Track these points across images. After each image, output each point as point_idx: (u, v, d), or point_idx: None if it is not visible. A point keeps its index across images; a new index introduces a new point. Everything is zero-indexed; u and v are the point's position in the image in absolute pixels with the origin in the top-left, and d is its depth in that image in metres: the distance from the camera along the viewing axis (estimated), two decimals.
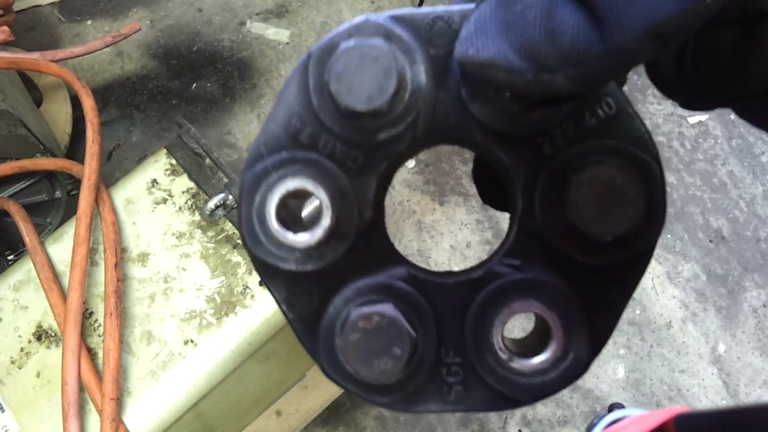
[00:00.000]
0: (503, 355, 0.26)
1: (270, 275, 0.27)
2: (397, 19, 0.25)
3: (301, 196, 0.25)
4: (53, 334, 0.66)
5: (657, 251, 1.27)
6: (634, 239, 0.25)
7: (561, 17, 0.20)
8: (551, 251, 0.26)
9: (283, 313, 0.28)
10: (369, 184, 0.26)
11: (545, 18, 0.21)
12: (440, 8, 0.25)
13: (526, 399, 0.27)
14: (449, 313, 0.28)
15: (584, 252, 0.26)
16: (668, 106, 1.44)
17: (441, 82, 0.26)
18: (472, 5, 0.25)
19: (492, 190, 0.33)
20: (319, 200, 0.25)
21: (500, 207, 0.33)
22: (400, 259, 0.28)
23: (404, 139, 0.26)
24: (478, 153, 0.28)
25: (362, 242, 0.27)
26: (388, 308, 0.26)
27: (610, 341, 0.30)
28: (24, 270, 0.69)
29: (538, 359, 0.26)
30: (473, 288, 0.27)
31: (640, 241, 0.26)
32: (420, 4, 1.46)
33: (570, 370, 0.26)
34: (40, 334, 0.66)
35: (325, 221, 0.25)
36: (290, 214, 0.25)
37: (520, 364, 0.26)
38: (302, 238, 0.25)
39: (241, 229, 0.26)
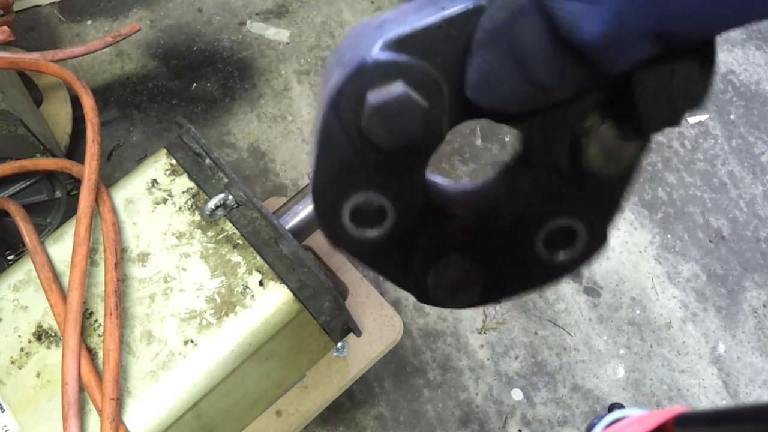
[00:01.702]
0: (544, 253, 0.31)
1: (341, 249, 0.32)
2: (400, 46, 0.26)
3: (372, 206, 0.30)
4: (53, 334, 0.66)
5: (657, 251, 1.27)
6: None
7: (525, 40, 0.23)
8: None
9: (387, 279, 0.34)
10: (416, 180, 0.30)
11: (537, 51, 0.24)
12: (439, 15, 0.26)
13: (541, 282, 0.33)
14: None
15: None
16: None
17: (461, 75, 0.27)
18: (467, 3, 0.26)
19: None
20: (384, 206, 0.30)
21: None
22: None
23: (434, 136, 0.28)
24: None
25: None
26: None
27: (610, 341, 0.32)
28: (24, 270, 0.69)
29: (563, 254, 0.32)
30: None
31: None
32: None
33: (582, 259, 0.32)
34: (40, 334, 0.66)
35: (388, 221, 0.30)
36: (363, 212, 0.30)
37: (547, 254, 0.31)
38: (370, 234, 0.30)
39: (323, 229, 0.32)
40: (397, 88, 0.26)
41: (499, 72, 0.25)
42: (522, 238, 0.31)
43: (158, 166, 0.72)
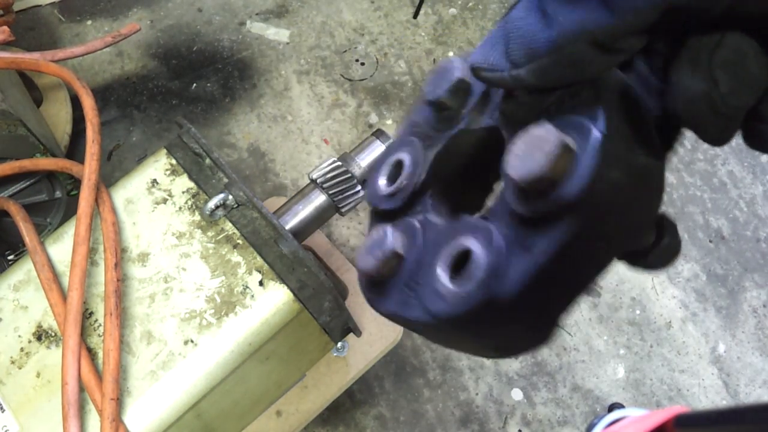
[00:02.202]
0: (441, 278, 0.32)
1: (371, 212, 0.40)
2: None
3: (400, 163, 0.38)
4: (53, 334, 0.66)
5: None
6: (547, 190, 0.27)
7: (517, 20, 0.26)
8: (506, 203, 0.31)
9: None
10: (429, 155, 0.37)
11: (512, 23, 0.27)
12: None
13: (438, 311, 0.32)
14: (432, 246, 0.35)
15: (517, 199, 0.29)
16: None
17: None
18: None
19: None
20: (404, 165, 0.38)
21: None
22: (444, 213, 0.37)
23: (457, 124, 0.36)
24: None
25: (411, 197, 0.37)
26: (389, 227, 0.35)
27: (610, 341, 0.32)
28: (24, 270, 0.69)
29: (455, 285, 0.32)
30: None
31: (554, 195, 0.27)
32: (418, 8, 1.46)
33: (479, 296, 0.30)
34: (40, 334, 0.66)
35: (400, 180, 0.37)
36: (393, 175, 0.38)
37: (443, 285, 0.32)
38: (384, 188, 0.38)
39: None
40: (453, 61, 0.36)
41: None
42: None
43: (158, 166, 0.72)
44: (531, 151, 0.26)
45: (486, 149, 0.37)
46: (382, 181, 0.39)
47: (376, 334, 0.92)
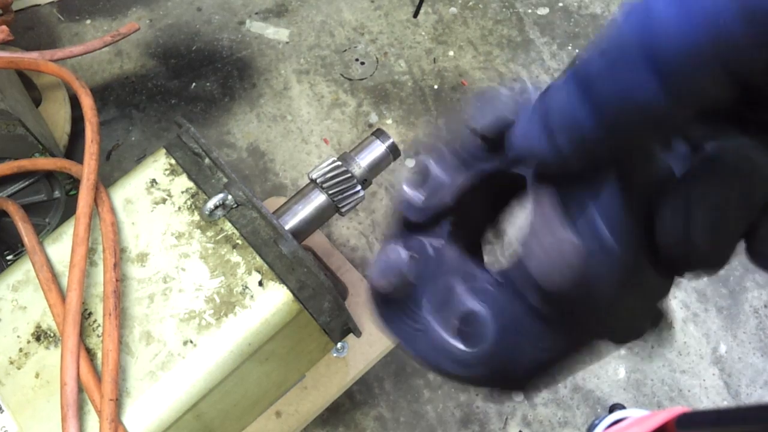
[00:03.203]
0: (447, 332, 0.34)
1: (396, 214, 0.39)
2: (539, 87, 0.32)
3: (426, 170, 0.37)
4: (52, 334, 0.66)
5: None
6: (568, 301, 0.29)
7: (570, 106, 0.25)
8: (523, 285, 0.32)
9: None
10: (459, 180, 0.35)
11: (551, 104, 0.26)
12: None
13: (441, 369, 0.35)
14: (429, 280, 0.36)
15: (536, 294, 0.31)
16: None
17: None
18: None
19: None
20: (431, 175, 0.36)
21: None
22: (459, 241, 0.37)
23: (493, 162, 0.35)
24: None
25: (438, 215, 0.37)
26: (404, 253, 0.36)
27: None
28: (23, 270, 0.69)
29: (462, 347, 0.33)
30: (464, 278, 0.36)
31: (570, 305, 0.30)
32: (419, 7, 1.46)
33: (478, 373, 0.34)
34: (39, 335, 0.66)
35: (425, 188, 0.36)
36: (420, 181, 0.37)
37: (452, 344, 0.34)
38: (412, 196, 0.37)
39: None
40: (501, 90, 0.34)
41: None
42: None
43: (157, 165, 0.72)
44: (558, 259, 0.28)
45: (512, 191, 0.37)
46: (413, 189, 0.38)
47: (376, 335, 0.92)
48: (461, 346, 0.32)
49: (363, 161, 0.76)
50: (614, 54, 0.22)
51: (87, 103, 0.75)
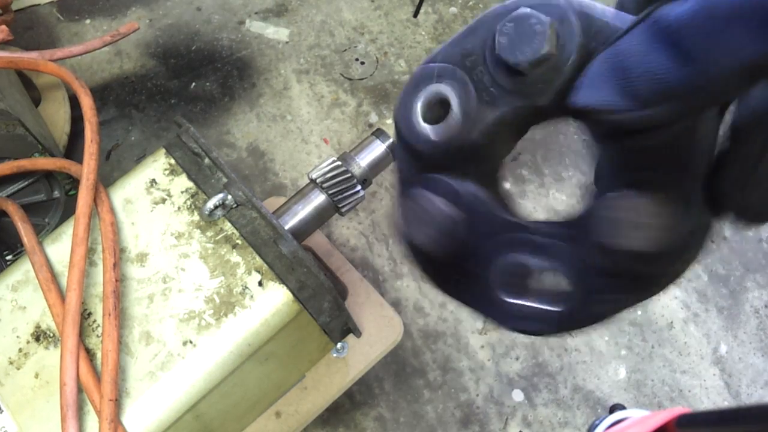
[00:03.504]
0: (499, 286, 0.33)
1: (400, 144, 0.35)
2: (577, 10, 0.30)
3: (443, 100, 0.33)
4: (52, 334, 0.65)
5: None
6: (639, 261, 0.30)
7: (653, 59, 0.24)
8: (581, 236, 0.32)
9: (397, 169, 0.37)
10: (488, 116, 0.32)
11: (630, 59, 0.25)
12: (609, 13, 0.30)
13: (501, 323, 0.34)
14: (484, 233, 0.34)
15: (599, 253, 0.31)
16: None
17: (579, 71, 0.30)
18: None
19: None
20: (451, 108, 0.33)
21: None
22: (483, 185, 0.35)
23: (530, 96, 0.32)
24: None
25: (461, 156, 0.34)
26: (438, 200, 0.33)
27: (611, 342, 0.34)
28: (22, 270, 0.69)
29: (521, 302, 0.33)
30: (509, 228, 0.34)
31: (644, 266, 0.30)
32: (419, 7, 1.46)
33: (542, 326, 0.33)
34: (39, 335, 0.66)
35: (445, 124, 0.32)
36: (431, 111, 0.33)
37: (507, 301, 0.33)
38: (426, 129, 0.33)
39: (396, 104, 0.34)
40: (542, 18, 0.29)
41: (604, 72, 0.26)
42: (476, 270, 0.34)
43: (157, 165, 0.72)
44: (630, 223, 0.28)
45: (534, 122, 0.34)
46: (421, 117, 0.34)
47: (376, 335, 0.92)
48: (544, 306, 0.32)
49: (363, 161, 0.76)
50: (709, 2, 0.22)
51: (86, 102, 0.75)
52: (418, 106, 0.33)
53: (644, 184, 0.29)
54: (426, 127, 0.33)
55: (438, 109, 0.33)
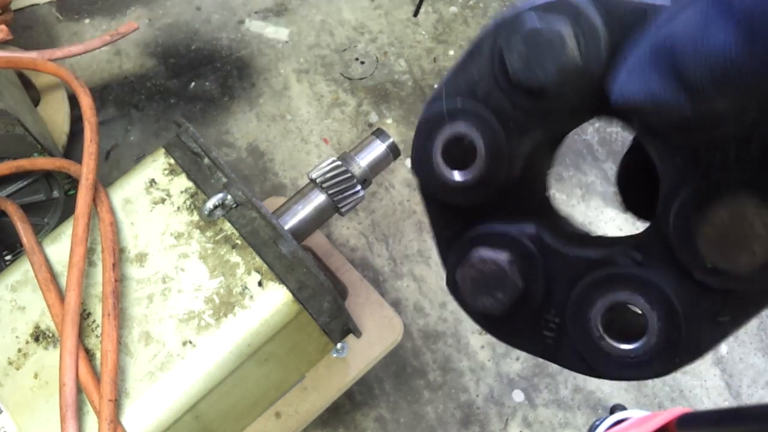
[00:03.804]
0: (596, 333, 0.29)
1: (427, 199, 0.32)
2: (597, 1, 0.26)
3: (465, 141, 0.29)
4: (51, 334, 0.65)
5: None
6: (755, 277, 0.25)
7: (713, 39, 0.20)
8: (674, 259, 0.27)
9: (431, 226, 0.33)
10: (523, 145, 0.28)
11: (696, 43, 0.20)
12: None
13: (604, 373, 0.30)
14: (561, 278, 0.30)
15: (703, 272, 0.26)
16: None
17: (612, 65, 0.25)
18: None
19: (636, 196, 0.34)
20: (477, 149, 0.28)
21: (643, 215, 0.34)
22: (536, 217, 0.31)
23: (563, 112, 0.28)
24: (633, 138, 0.30)
25: (505, 194, 0.30)
26: (503, 257, 0.29)
27: None
28: (21, 270, 0.69)
29: (625, 347, 0.29)
30: (590, 265, 0.30)
31: (762, 281, 0.25)
32: (419, 6, 1.46)
33: (654, 368, 0.29)
34: (38, 335, 0.66)
35: (477, 167, 0.28)
36: (455, 154, 0.29)
37: (608, 344, 0.29)
38: (456, 176, 0.29)
39: (413, 155, 0.31)
40: (554, 24, 0.25)
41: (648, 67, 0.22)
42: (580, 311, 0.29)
43: (156, 165, 0.72)
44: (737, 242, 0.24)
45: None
46: (447, 166, 0.29)
47: (376, 335, 0.92)
48: (622, 346, 0.28)
49: (363, 161, 0.75)
50: None
51: (86, 102, 0.75)
52: (439, 157, 0.29)
53: (731, 184, 0.25)
54: (456, 175, 0.29)
55: (460, 149, 0.29)
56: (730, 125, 0.23)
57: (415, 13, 1.46)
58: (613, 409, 1.10)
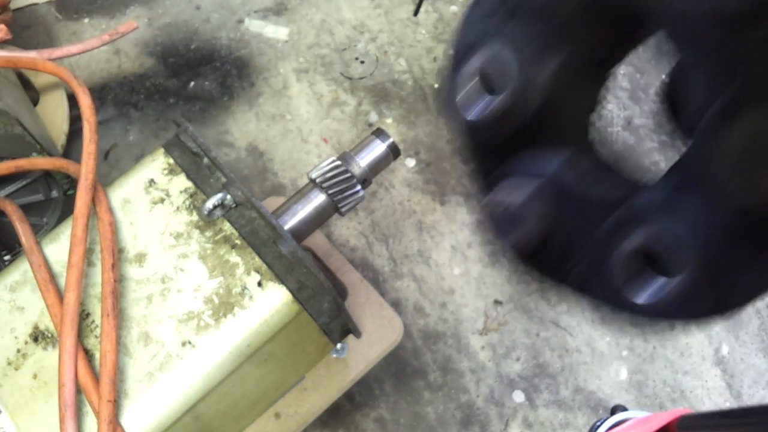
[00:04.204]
0: (627, 266, 0.28)
1: (465, 135, 0.28)
2: None
3: (496, 64, 0.26)
4: (50, 335, 0.65)
5: None
6: None
7: None
8: (705, 185, 0.27)
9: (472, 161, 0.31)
10: (553, 59, 0.27)
11: None
12: None
13: (627, 306, 0.29)
14: (591, 210, 0.30)
15: (732, 194, 0.26)
16: None
17: None
18: None
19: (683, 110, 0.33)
20: (507, 70, 0.26)
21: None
22: (571, 143, 0.30)
23: (572, 29, 0.26)
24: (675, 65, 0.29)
25: (540, 124, 0.28)
26: (530, 189, 0.28)
27: (613, 342, 0.31)
28: (20, 270, 0.69)
29: (650, 282, 0.28)
30: (621, 198, 0.29)
31: None
32: (419, 6, 1.46)
33: (680, 311, 0.28)
34: (37, 336, 0.65)
35: (510, 89, 0.26)
36: (486, 83, 0.27)
37: (634, 279, 0.28)
38: (491, 102, 0.27)
39: (445, 98, 0.30)
40: None
41: None
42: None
43: (156, 165, 0.72)
44: None
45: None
46: (473, 85, 0.27)
47: (376, 336, 0.92)
48: (654, 279, 0.27)
49: (363, 161, 0.75)
50: None
51: (85, 102, 0.75)
52: (474, 85, 0.27)
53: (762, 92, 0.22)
54: (491, 100, 0.27)
55: (489, 79, 0.27)
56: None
57: (416, 13, 1.46)
58: (614, 410, 1.10)
